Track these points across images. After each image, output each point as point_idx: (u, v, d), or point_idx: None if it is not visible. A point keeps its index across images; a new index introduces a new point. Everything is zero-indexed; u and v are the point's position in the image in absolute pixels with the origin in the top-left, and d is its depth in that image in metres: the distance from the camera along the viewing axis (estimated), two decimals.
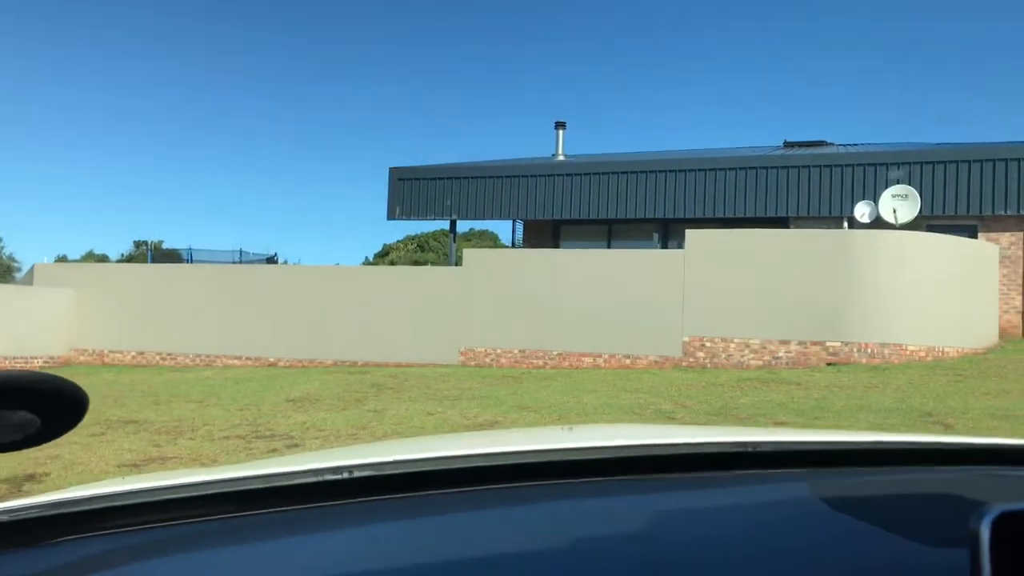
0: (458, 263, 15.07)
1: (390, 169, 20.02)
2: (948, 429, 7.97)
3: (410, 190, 19.67)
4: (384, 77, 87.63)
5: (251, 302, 15.50)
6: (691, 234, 13.39)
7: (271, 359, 15.19)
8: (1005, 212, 14.86)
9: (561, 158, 20.69)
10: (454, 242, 20.45)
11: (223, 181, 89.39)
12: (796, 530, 0.75)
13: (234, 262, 22.39)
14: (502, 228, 57.87)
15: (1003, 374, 10.84)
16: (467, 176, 19.40)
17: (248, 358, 15.32)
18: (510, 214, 19.29)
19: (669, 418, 8.60)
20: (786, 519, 0.80)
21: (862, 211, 14.87)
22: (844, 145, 21.64)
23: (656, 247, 17.57)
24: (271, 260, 24.65)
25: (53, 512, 0.81)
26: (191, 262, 22.69)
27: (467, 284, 14.29)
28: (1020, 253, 14.82)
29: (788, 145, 22.29)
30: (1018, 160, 14.90)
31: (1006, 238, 14.90)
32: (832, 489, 0.88)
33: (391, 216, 19.77)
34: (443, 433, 7.58)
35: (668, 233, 17.96)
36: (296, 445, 7.47)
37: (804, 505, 0.85)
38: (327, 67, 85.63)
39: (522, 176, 18.92)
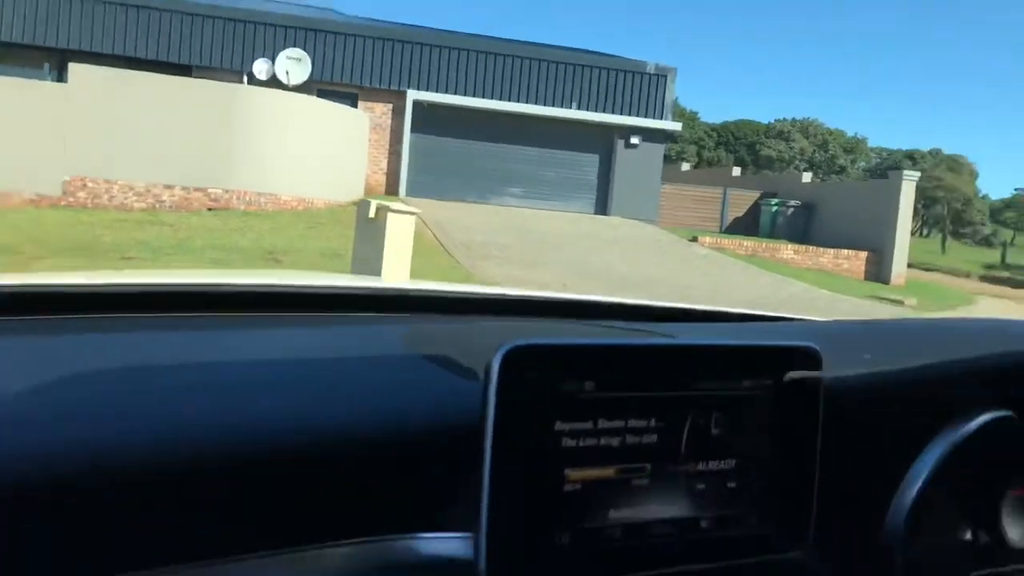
0: None
1: None
2: (278, 264, 9.34)
3: None
4: None
5: None
6: (75, 68, 12.77)
7: None
8: (380, 86, 17.08)
9: None
10: None
11: None
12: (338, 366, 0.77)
13: None
14: None
15: (351, 224, 12.82)
16: None
17: None
18: None
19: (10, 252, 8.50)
20: (360, 352, 0.83)
21: (260, 68, 15.71)
22: (268, 1, 22.15)
23: (49, 79, 16.21)
24: None
25: None
26: None
27: None
28: (389, 122, 17.26)
29: None
30: (393, 40, 17.14)
31: (380, 108, 17.18)
32: (392, 333, 0.93)
33: None
34: None
35: (66, 66, 16.66)
36: None
37: (379, 341, 0.90)
38: None
39: None
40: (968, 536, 0.91)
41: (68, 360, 0.75)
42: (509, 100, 17.76)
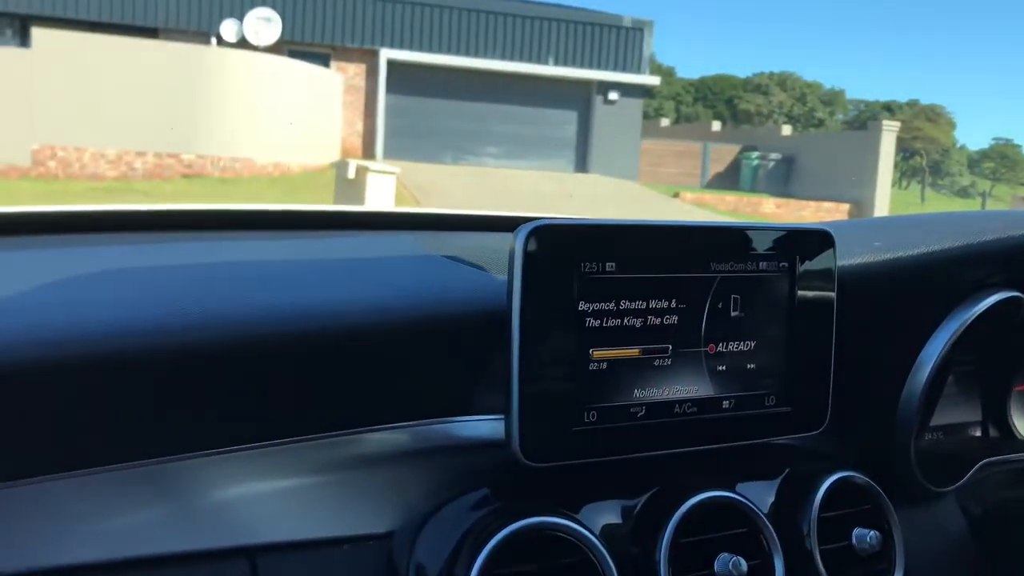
0: None
1: None
2: None
3: None
4: None
5: None
6: (39, 34, 12.39)
7: None
8: (352, 45, 16.72)
9: None
10: None
11: None
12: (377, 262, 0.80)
13: None
14: None
15: (329, 187, 12.63)
16: None
17: None
18: None
19: None
20: (386, 254, 0.87)
21: (228, 29, 15.28)
22: None
23: (12, 45, 15.75)
24: None
25: None
26: None
27: None
28: (363, 83, 16.94)
29: None
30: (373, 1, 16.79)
31: (353, 68, 16.83)
32: (429, 238, 0.98)
33: None
34: None
35: (28, 31, 16.18)
36: None
37: (401, 246, 0.94)
38: None
39: None
40: (978, 427, 0.96)
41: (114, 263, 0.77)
42: (485, 57, 17.47)
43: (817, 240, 0.70)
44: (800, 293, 0.69)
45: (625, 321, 0.61)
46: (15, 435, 0.51)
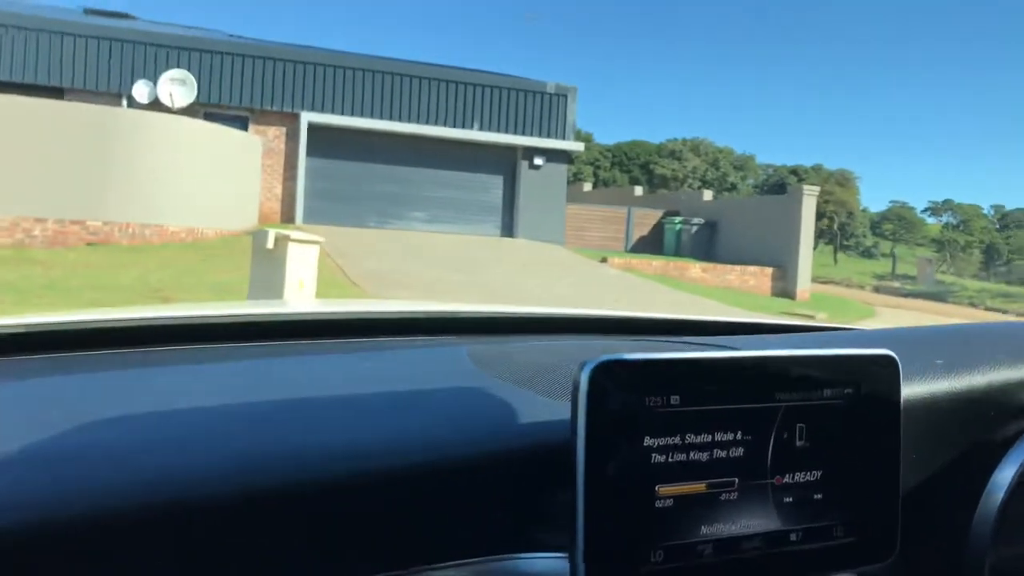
0: None
1: None
2: (167, 301, 8.51)
3: None
4: None
5: None
6: None
7: None
8: (272, 108, 16.26)
9: None
10: None
11: None
12: (444, 386, 0.79)
13: None
14: None
15: (246, 253, 12.01)
16: None
17: None
18: None
19: None
20: (437, 375, 0.84)
21: (141, 91, 14.68)
22: (148, 21, 20.99)
23: None
24: None
25: None
26: None
27: None
28: (283, 147, 16.45)
29: (89, 12, 20.71)
30: (284, 61, 16.38)
31: (273, 131, 16.34)
32: (479, 353, 0.93)
33: None
34: None
35: None
36: None
37: (452, 364, 0.90)
38: None
39: None
40: None
41: (148, 390, 0.75)
42: (410, 122, 17.23)
43: (881, 364, 0.67)
44: (865, 419, 0.66)
45: (691, 455, 0.59)
46: None
